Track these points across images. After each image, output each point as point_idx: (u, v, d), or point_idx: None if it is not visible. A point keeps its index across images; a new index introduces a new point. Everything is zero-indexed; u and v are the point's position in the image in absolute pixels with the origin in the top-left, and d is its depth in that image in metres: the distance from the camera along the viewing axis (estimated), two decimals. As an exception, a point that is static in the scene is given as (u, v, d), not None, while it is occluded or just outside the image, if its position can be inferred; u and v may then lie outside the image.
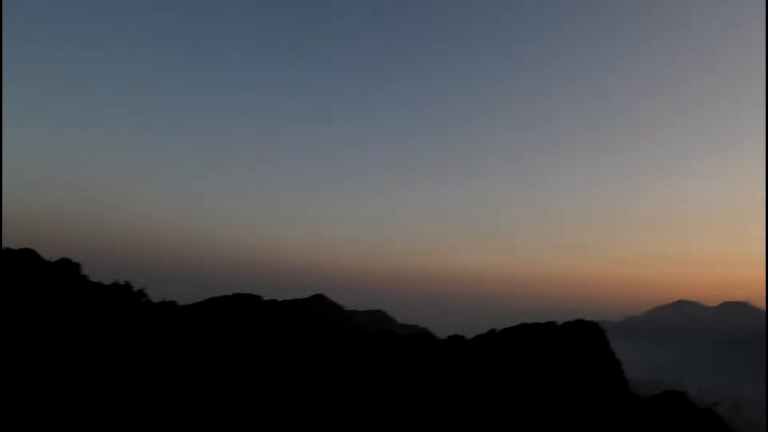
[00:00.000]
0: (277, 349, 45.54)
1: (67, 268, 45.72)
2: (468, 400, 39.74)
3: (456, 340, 54.90)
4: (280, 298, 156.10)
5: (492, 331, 56.92)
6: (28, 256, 43.94)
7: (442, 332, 68.82)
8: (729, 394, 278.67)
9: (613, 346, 57.80)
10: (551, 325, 56.77)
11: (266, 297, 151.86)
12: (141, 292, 47.63)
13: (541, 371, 47.85)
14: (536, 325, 56.82)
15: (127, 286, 47.17)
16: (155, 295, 49.82)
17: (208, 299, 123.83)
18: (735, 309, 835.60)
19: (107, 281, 46.88)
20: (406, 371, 43.83)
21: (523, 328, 56.37)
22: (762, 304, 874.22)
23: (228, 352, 40.83)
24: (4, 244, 43.64)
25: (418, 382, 41.65)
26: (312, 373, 39.84)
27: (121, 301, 43.01)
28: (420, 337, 54.41)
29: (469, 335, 56.82)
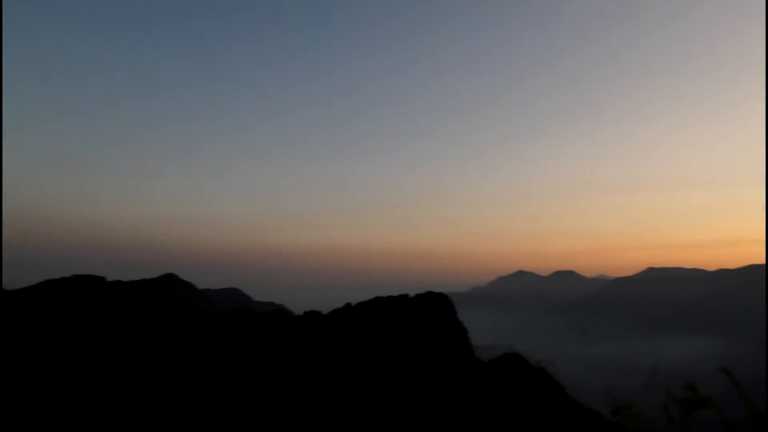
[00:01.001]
0: (125, 331, 42.94)
1: None
2: (326, 373, 40.30)
3: (312, 315, 55.23)
4: (126, 279, 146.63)
5: (348, 306, 57.94)
6: None
7: (298, 308, 68.82)
8: (556, 353, 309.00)
9: (460, 315, 61.40)
10: (404, 297, 58.99)
11: (110, 278, 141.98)
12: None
13: (395, 341, 49.65)
14: (390, 298, 58.74)
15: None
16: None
17: (43, 282, 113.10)
18: (564, 277, 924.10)
19: None
20: (262, 348, 43.42)
21: (378, 301, 58.02)
22: (586, 273, 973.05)
23: (68, 337, 37.77)
24: None
25: (274, 357, 41.47)
26: (163, 354, 38.09)
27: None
28: (276, 313, 54.07)
29: (325, 310, 57.42)
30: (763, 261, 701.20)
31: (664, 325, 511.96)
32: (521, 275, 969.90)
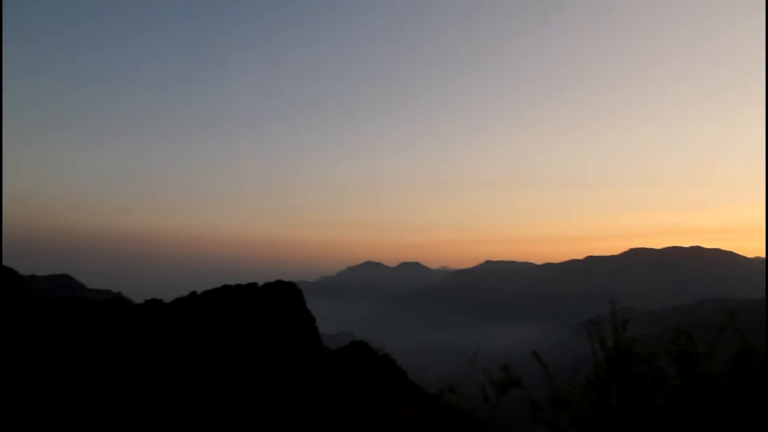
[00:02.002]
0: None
1: None
2: (167, 364, 38.52)
3: (153, 304, 52.51)
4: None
5: (193, 294, 55.83)
6: None
7: (139, 297, 64.84)
8: (401, 341, 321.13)
9: (309, 304, 61.65)
10: (252, 286, 58.05)
11: None
12: None
13: (242, 330, 48.69)
14: (238, 286, 57.51)
15: None
16: None
17: None
18: (410, 268, 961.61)
19: None
20: (94, 339, 40.41)
21: (226, 289, 56.56)
22: (430, 264, 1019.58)
23: None
24: None
25: (108, 349, 38.79)
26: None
27: None
28: (112, 302, 50.67)
29: (168, 299, 54.76)
30: (581, 257, 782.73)
31: (499, 313, 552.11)
32: (370, 266, 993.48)
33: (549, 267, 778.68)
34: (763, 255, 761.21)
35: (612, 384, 4.86)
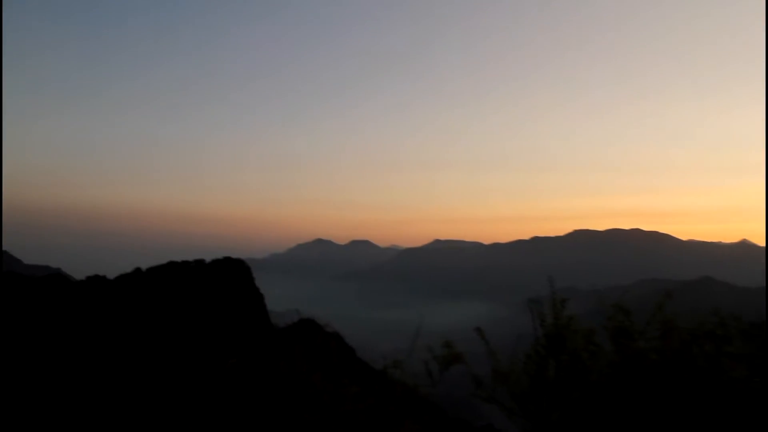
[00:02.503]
0: None
1: None
2: (110, 342, 37.65)
3: (96, 281, 51.04)
4: None
5: (137, 271, 54.51)
6: None
7: (80, 274, 62.90)
8: (350, 318, 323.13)
9: (259, 281, 61.12)
10: (200, 263, 57.08)
11: None
12: None
13: (188, 307, 47.97)
14: (185, 263, 56.43)
15: None
16: None
17: None
18: (360, 246, 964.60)
19: None
20: (33, 316, 39.10)
21: (172, 266, 55.42)
22: (380, 243, 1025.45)
23: None
24: None
25: (49, 326, 37.63)
26: None
27: None
28: (50, 278, 48.99)
29: (112, 275, 53.32)
30: (528, 237, 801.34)
31: (447, 291, 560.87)
32: (320, 243, 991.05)
33: (497, 246, 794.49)
34: (698, 238, 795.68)
35: (550, 359, 5.04)
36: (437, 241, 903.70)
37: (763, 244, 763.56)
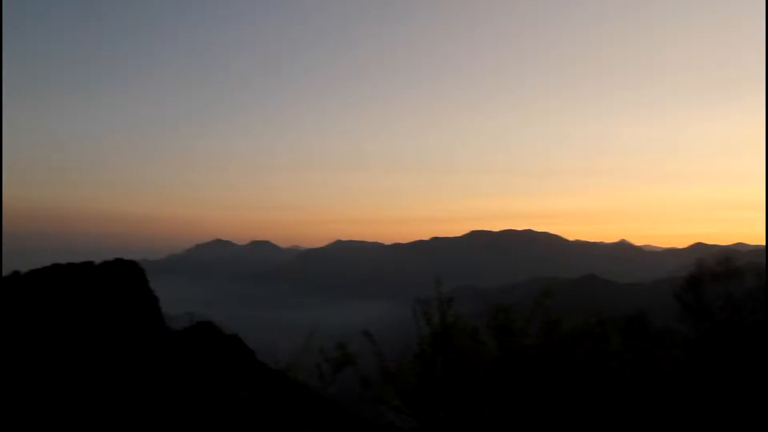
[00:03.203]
0: None
1: None
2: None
3: (-32, 285, 46.90)
4: None
5: (16, 274, 50.67)
6: None
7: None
8: (251, 320, 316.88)
9: (155, 283, 58.60)
10: (88, 265, 53.95)
11: None
12: None
13: (74, 313, 45.22)
14: (71, 265, 53.11)
15: None
16: None
17: None
18: (260, 247, 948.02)
19: None
20: None
21: (56, 269, 52.00)
22: (281, 243, 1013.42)
23: None
24: None
25: None
26: None
27: None
28: None
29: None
30: (427, 237, 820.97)
31: (348, 292, 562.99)
32: (219, 244, 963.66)
33: (397, 247, 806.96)
34: (583, 238, 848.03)
35: (437, 358, 5.34)
36: (339, 242, 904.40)
37: (639, 243, 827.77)
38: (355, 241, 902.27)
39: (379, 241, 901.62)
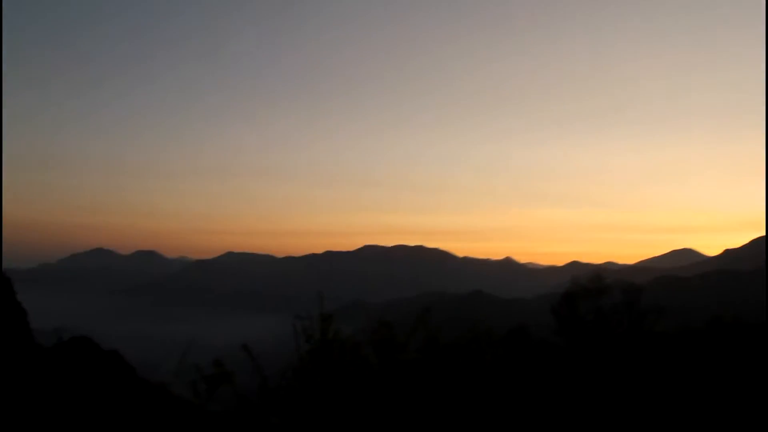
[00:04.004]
0: None
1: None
2: None
3: None
4: None
5: None
6: None
7: None
8: (133, 335, 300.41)
9: (24, 295, 54.34)
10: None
11: None
12: None
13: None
14: None
15: None
16: None
17: None
18: (145, 257, 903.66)
19: None
20: None
21: None
22: (168, 253, 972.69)
23: None
24: None
25: None
26: None
27: None
28: None
29: None
30: (320, 251, 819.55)
31: (238, 305, 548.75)
32: (99, 253, 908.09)
33: (290, 260, 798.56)
34: (474, 255, 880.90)
35: (317, 373, 5.47)
36: (230, 254, 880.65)
37: (523, 261, 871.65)
38: (247, 254, 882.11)
39: (272, 253, 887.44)
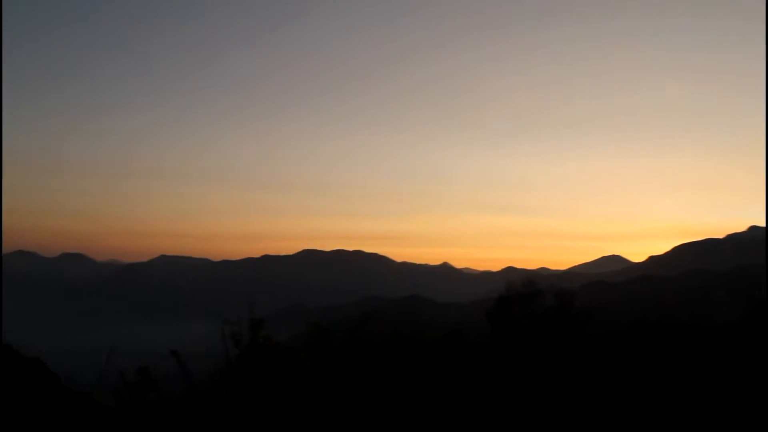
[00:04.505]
0: None
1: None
2: None
3: None
4: None
5: None
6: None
7: None
8: (57, 341, 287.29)
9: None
10: None
11: None
12: None
13: None
14: None
15: None
16: None
17: None
18: (72, 260, 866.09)
19: None
20: None
21: None
22: (97, 256, 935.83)
23: None
24: None
25: None
26: None
27: None
28: None
29: None
30: (258, 255, 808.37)
31: (173, 310, 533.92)
32: (21, 255, 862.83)
33: (226, 264, 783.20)
34: (412, 260, 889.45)
35: (245, 378, 5.41)
36: (163, 257, 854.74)
37: (459, 266, 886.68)
38: (181, 257, 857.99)
39: (208, 257, 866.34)
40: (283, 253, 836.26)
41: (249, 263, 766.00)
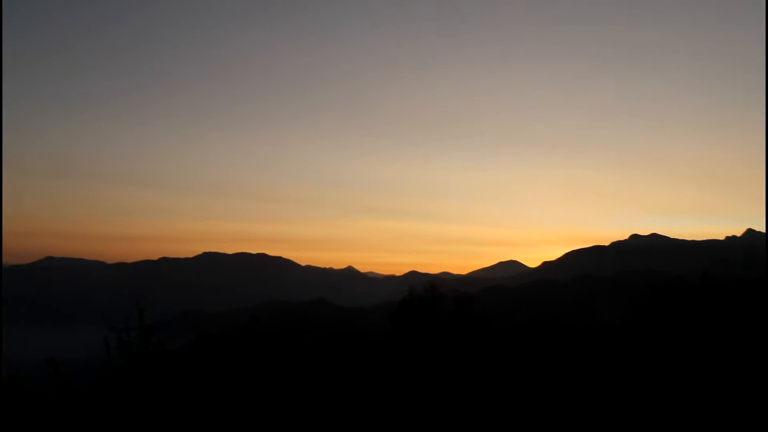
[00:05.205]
0: None
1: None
2: None
3: None
4: None
5: None
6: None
7: None
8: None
9: None
10: None
11: None
12: None
13: None
14: None
15: None
16: None
17: None
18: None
19: None
20: None
21: None
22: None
23: None
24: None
25: None
26: None
27: None
28: None
29: None
30: (155, 257, 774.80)
31: (61, 315, 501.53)
32: None
33: (121, 266, 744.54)
34: (316, 264, 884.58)
35: (134, 385, 5.10)
36: (50, 258, 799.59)
37: (364, 270, 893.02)
38: (70, 259, 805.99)
39: (101, 259, 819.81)
40: (182, 255, 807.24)
41: (145, 266, 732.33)
